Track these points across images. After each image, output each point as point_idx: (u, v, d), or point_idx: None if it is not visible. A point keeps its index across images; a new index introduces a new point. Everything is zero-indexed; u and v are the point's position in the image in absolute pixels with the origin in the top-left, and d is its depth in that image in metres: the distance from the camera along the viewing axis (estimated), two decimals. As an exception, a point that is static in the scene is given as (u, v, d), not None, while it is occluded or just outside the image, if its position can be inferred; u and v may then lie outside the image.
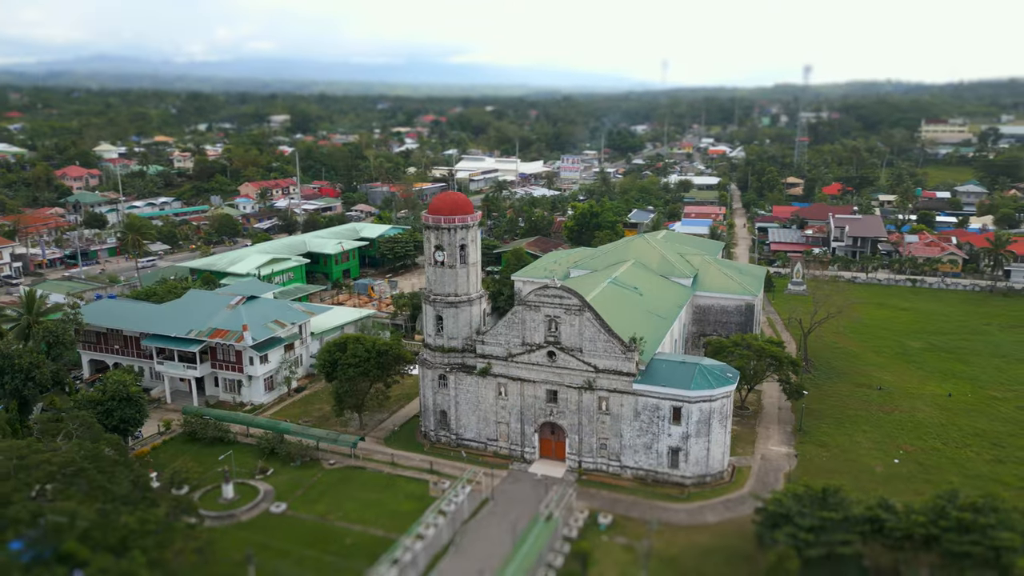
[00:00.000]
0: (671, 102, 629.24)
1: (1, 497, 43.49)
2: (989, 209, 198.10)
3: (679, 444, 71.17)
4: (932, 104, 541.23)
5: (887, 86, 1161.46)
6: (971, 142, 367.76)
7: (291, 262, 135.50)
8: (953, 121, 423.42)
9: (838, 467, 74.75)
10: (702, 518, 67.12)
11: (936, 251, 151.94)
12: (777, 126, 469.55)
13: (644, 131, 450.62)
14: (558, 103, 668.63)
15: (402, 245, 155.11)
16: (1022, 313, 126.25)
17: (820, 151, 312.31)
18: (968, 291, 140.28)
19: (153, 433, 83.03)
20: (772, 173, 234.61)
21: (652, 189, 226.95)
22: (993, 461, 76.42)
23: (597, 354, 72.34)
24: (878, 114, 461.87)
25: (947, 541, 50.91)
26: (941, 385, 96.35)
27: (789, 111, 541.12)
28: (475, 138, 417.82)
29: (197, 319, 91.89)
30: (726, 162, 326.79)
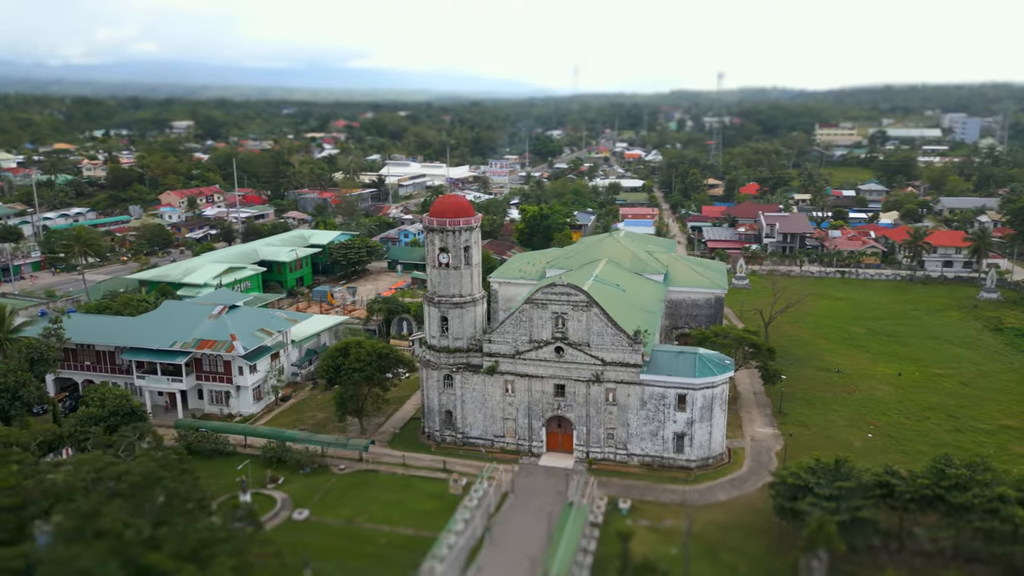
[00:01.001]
0: (581, 108, 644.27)
1: (89, 510, 42.14)
2: (893, 205, 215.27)
3: (684, 430, 75.45)
4: (820, 109, 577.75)
5: (774, 92, 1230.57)
6: (862, 144, 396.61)
7: (247, 271, 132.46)
8: (844, 125, 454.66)
9: (821, 444, 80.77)
10: (713, 497, 71.56)
11: (858, 245, 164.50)
12: (684, 130, 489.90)
13: (560, 136, 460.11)
14: (469, 108, 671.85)
15: (355, 251, 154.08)
16: (941, 299, 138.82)
17: (731, 153, 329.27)
18: (891, 280, 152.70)
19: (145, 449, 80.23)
20: (695, 175, 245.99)
21: (584, 192, 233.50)
22: (952, 431, 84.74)
23: (605, 348, 75.71)
24: (775, 119, 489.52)
25: (951, 498, 56.99)
26: (889, 366, 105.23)
27: (692, 116, 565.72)
28: (395, 143, 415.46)
29: (179, 331, 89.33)
30: (644, 165, 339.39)
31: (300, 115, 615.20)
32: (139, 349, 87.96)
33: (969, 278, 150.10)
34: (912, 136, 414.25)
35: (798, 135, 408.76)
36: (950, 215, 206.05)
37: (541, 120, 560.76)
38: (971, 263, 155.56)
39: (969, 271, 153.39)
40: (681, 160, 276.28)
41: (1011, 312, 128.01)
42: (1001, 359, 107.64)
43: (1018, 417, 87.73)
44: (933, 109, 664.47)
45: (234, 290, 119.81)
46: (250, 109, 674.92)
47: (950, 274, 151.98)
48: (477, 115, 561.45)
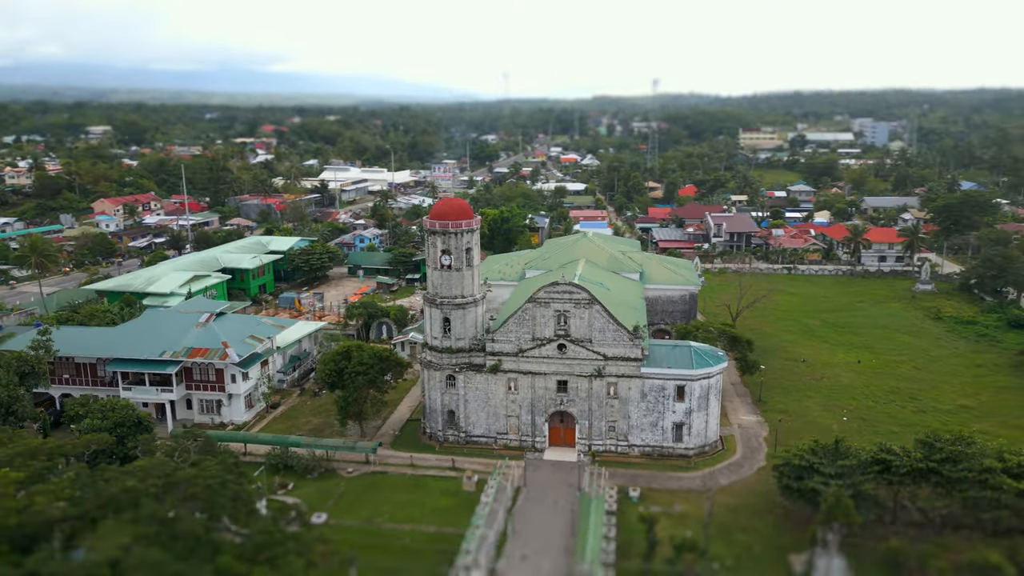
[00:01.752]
0: (512, 113, 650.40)
1: (165, 515, 41.74)
2: (824, 205, 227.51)
3: (683, 419, 79.12)
4: (739, 114, 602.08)
5: (692, 98, 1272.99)
6: (783, 148, 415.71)
7: (212, 279, 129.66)
8: (765, 129, 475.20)
9: (803, 428, 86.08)
10: (715, 482, 75.33)
11: (801, 242, 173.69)
12: (615, 135, 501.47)
13: (496, 140, 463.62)
14: (398, 113, 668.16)
15: (317, 256, 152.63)
16: (882, 291, 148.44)
17: (665, 157, 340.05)
18: (833, 275, 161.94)
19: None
20: (637, 178, 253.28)
21: (532, 196, 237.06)
22: (917, 412, 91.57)
23: (606, 343, 78.66)
24: (700, 123, 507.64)
25: (944, 471, 62.32)
26: (848, 354, 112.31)
27: (620, 121, 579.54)
28: (329, 148, 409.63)
29: (166, 340, 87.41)
30: (581, 170, 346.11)
31: (224, 120, 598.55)
32: (125, 360, 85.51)
33: (903, 271, 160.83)
34: (828, 140, 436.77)
35: (724, 139, 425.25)
36: (874, 213, 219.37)
37: (474, 125, 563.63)
38: (902, 257, 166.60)
39: (902, 265, 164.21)
40: (620, 164, 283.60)
41: (946, 302, 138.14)
42: (946, 345, 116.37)
43: (972, 397, 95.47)
44: (842, 114, 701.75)
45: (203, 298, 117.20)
46: (168, 114, 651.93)
47: (886, 268, 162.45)
48: (408, 120, 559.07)
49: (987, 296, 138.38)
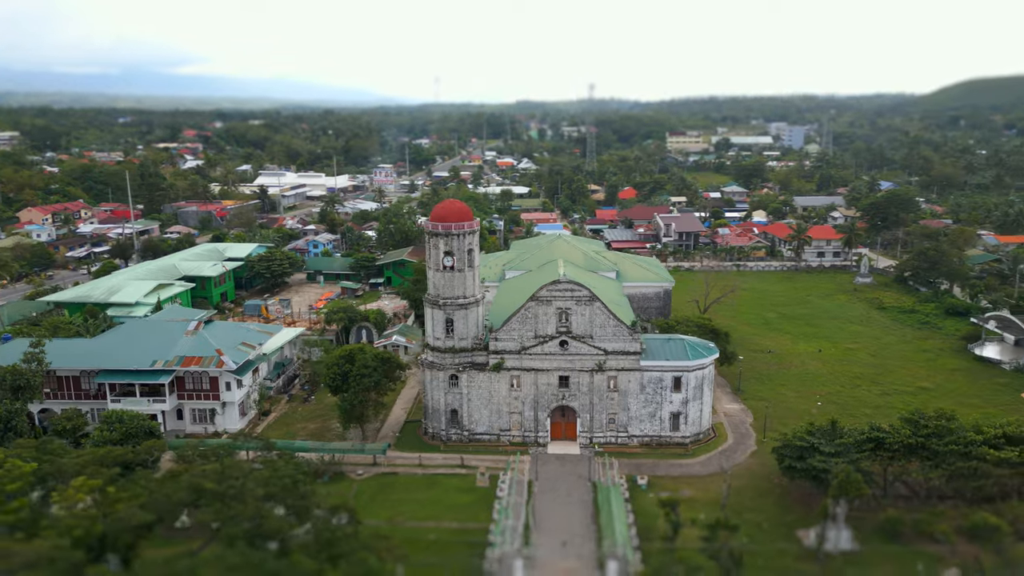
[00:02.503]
0: (442, 117, 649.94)
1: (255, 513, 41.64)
2: (758, 205, 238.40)
3: (679, 409, 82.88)
4: (662, 119, 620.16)
5: (613, 103, 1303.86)
6: (709, 151, 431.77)
7: (176, 287, 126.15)
8: (690, 133, 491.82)
9: (784, 414, 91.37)
10: (714, 467, 79.28)
11: (746, 240, 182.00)
12: (546, 139, 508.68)
13: (430, 144, 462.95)
14: (324, 117, 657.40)
15: (278, 263, 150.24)
16: (826, 285, 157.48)
17: (601, 161, 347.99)
18: (778, 271, 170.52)
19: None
20: (580, 182, 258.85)
21: (480, 199, 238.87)
22: (882, 395, 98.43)
23: (607, 338, 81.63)
24: (628, 128, 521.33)
25: (932, 445, 67.93)
26: (808, 344, 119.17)
27: (551, 125, 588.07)
28: (258, 153, 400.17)
29: (154, 349, 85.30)
30: (518, 173, 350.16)
31: (140, 124, 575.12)
32: (114, 371, 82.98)
33: (842, 266, 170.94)
34: (749, 143, 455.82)
35: (653, 143, 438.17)
36: (804, 212, 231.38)
37: (404, 129, 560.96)
38: (839, 253, 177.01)
39: (840, 260, 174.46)
40: (562, 167, 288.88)
41: (886, 293, 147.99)
42: (894, 333, 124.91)
43: (928, 380, 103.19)
44: (757, 118, 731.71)
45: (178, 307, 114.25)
46: (77, 118, 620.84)
47: (826, 263, 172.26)
48: (336, 124, 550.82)
49: (921, 287, 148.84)
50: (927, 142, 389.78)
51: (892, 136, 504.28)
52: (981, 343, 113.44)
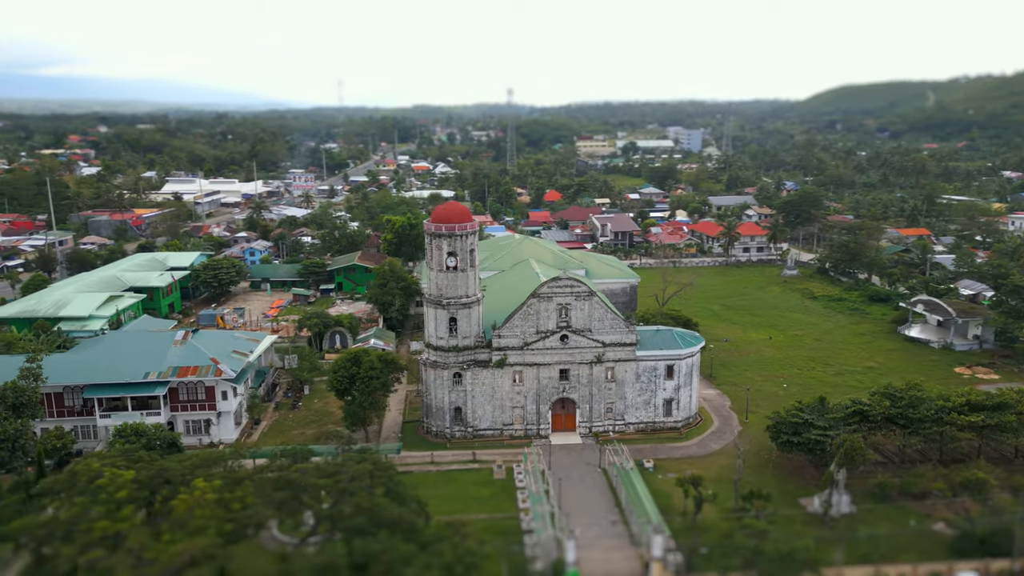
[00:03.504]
0: (347, 121, 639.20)
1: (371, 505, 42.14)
2: (679, 205, 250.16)
3: (672, 395, 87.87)
4: (565, 123, 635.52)
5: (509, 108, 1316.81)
6: (617, 154, 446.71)
7: (128, 299, 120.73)
8: (597, 137, 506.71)
9: (755, 396, 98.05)
10: (709, 448, 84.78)
11: (678, 239, 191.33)
12: (455, 143, 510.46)
13: (339, 149, 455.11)
14: (219, 121, 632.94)
15: (225, 271, 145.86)
16: (758, 278, 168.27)
17: (517, 164, 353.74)
18: (711, 266, 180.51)
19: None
20: (508, 184, 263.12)
21: (411, 203, 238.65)
22: (836, 375, 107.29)
23: (605, 331, 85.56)
24: (536, 132, 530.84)
25: (909, 414, 75.64)
26: (758, 332, 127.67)
27: (460, 129, 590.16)
28: (163, 159, 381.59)
29: (143, 361, 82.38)
30: (435, 177, 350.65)
31: (17, 130, 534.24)
32: (104, 385, 79.55)
33: (768, 260, 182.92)
34: (653, 147, 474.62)
35: (563, 147, 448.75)
36: (719, 211, 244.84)
37: (308, 134, 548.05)
38: (763, 248, 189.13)
39: (765, 255, 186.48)
40: (487, 171, 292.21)
41: (812, 284, 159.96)
42: (830, 319, 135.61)
43: (872, 360, 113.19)
44: (652, 123, 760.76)
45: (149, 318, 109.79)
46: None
47: (754, 258, 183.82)
48: (237, 128, 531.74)
49: (842, 277, 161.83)
50: (821, 146, 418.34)
51: (780, 139, 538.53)
52: (908, 325, 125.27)
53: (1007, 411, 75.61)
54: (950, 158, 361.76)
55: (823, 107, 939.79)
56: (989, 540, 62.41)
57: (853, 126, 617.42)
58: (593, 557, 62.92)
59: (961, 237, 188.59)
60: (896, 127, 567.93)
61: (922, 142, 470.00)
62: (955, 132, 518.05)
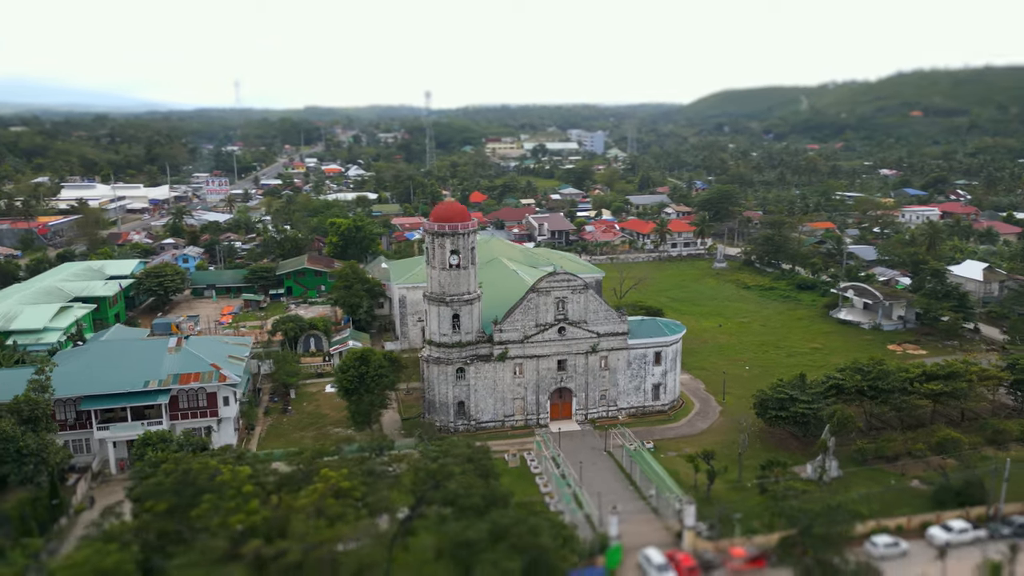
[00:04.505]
0: (244, 123, 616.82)
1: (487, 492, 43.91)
2: (601, 204, 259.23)
3: (660, 380, 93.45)
4: (468, 125, 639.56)
5: (403, 110, 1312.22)
6: (527, 156, 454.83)
7: (78, 310, 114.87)
8: (505, 140, 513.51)
9: (730, 378, 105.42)
10: (698, 427, 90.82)
11: (612, 236, 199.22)
12: (362, 145, 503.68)
13: (241, 152, 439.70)
14: (100, 123, 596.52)
15: (169, 279, 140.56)
16: (692, 271, 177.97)
17: (434, 165, 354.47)
18: (645, 261, 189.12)
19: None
20: (434, 186, 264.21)
21: (338, 206, 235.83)
22: (788, 356, 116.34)
23: (599, 322, 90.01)
24: (444, 134, 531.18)
25: (879, 385, 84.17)
26: (708, 321, 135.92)
27: (365, 131, 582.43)
28: (46, 162, 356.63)
29: (139, 369, 79.81)
30: (349, 180, 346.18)
31: None
32: (101, 396, 76.54)
33: (697, 255, 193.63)
34: (560, 149, 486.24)
35: (474, 149, 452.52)
36: (640, 210, 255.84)
37: (204, 136, 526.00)
38: (689, 243, 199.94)
39: (693, 249, 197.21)
40: (411, 173, 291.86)
41: (742, 275, 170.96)
42: (767, 306, 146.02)
43: (815, 341, 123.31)
44: (551, 126, 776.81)
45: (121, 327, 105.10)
46: None
47: (684, 253, 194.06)
48: (127, 130, 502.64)
49: (767, 268, 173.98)
50: (717, 147, 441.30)
51: (677, 141, 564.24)
52: (839, 309, 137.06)
53: (959, 379, 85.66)
54: (833, 158, 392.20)
55: (708, 110, 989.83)
56: (964, 491, 71.04)
57: (740, 128, 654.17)
58: (626, 531, 66.90)
59: (863, 230, 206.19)
60: (779, 129, 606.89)
61: (804, 143, 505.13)
62: (831, 134, 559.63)
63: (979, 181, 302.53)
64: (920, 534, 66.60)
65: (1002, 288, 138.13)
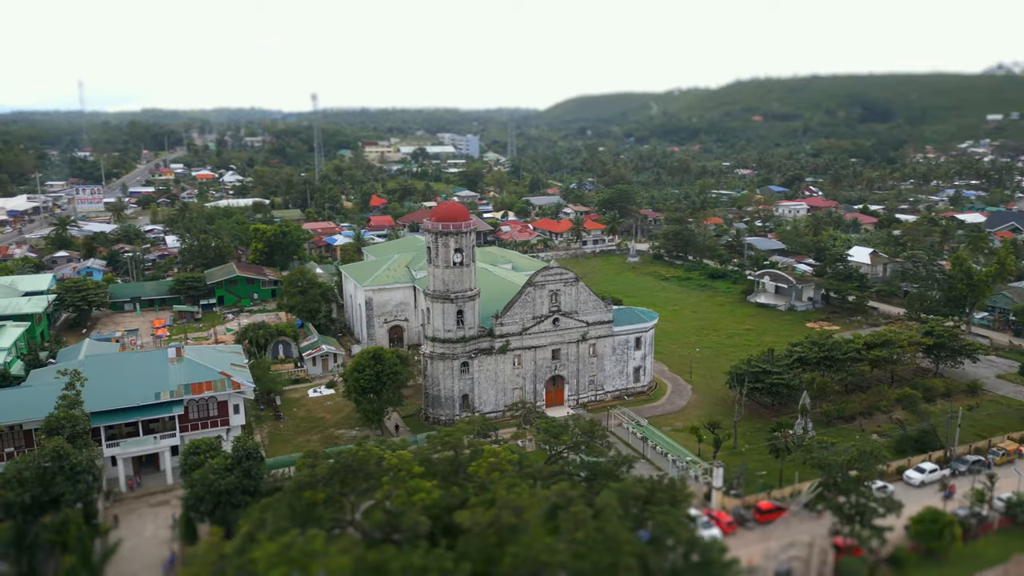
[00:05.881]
0: (90, 127, 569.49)
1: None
2: (506, 206, 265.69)
3: (640, 363, 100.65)
4: (336, 129, 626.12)
5: (253, 112, 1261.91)
6: (408, 160, 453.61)
7: (13, 328, 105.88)
8: (381, 143, 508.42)
9: (680, 361, 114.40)
10: (678, 404, 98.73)
11: (527, 235, 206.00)
12: (229, 149, 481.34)
13: (93, 157, 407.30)
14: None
15: (93, 292, 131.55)
16: (610, 266, 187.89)
17: (323, 170, 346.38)
18: (564, 257, 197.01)
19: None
20: (333, 190, 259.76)
21: (235, 211, 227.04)
22: (727, 338, 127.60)
23: (588, 312, 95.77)
24: (312, 138, 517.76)
25: (835, 355, 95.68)
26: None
27: (230, 134, 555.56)
28: None
29: (144, 382, 76.49)
30: (228, 185, 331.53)
31: None
32: (110, 412, 72.74)
33: (608, 251, 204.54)
34: (439, 152, 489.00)
35: (353, 153, 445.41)
36: (540, 210, 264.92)
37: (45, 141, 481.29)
38: (598, 240, 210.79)
39: (604, 246, 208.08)
40: (307, 178, 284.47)
41: (656, 268, 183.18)
42: (690, 295, 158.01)
43: (745, 324, 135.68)
44: (419, 130, 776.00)
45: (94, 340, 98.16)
46: None
47: (598, 249, 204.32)
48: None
49: (676, 261, 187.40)
50: (585, 150, 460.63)
51: (547, 144, 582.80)
52: (756, 294, 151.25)
53: (893, 346, 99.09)
54: (696, 159, 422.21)
55: (565, 115, 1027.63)
56: (920, 439, 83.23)
57: (602, 132, 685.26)
58: (657, 498, 73.16)
59: (747, 223, 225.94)
60: (639, 133, 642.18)
61: (665, 146, 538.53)
62: (687, 137, 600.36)
63: (826, 178, 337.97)
64: (898, 477, 77.53)
65: (885, 269, 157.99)
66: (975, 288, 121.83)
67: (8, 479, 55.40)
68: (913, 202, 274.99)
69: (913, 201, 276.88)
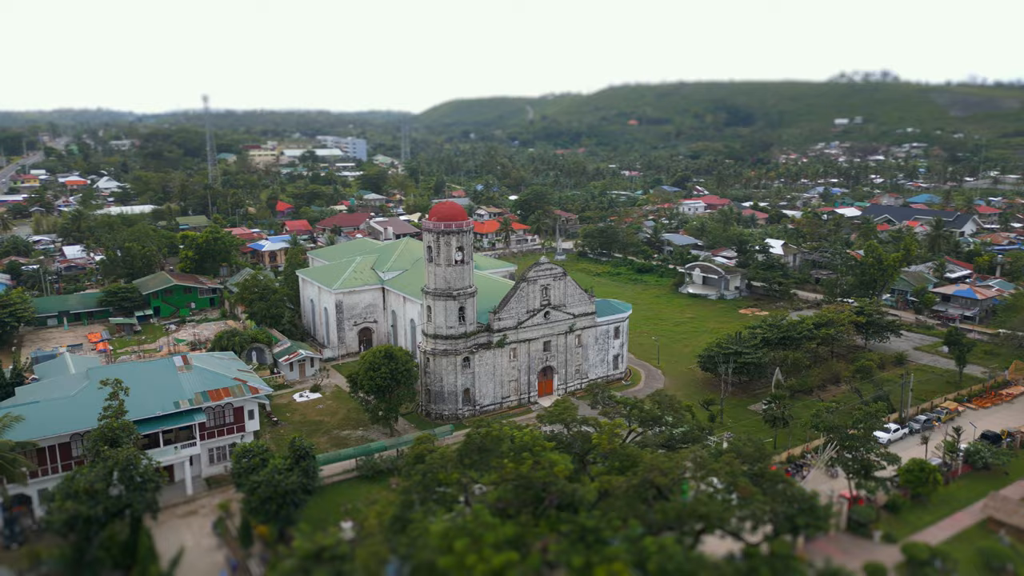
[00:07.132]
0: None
1: None
2: (419, 208, 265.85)
3: (619, 351, 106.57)
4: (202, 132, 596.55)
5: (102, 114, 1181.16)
6: (296, 163, 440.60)
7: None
8: (264, 146, 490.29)
9: (644, 348, 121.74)
10: (655, 387, 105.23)
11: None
12: (96, 154, 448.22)
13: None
14: None
15: (21, 307, 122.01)
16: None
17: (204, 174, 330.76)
18: (498, 257, 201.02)
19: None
20: (238, 196, 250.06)
21: (134, 219, 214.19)
22: (675, 325, 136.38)
23: (575, 305, 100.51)
24: (192, 140, 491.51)
25: (792, 334, 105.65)
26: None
27: (92, 138, 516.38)
28: None
29: (158, 391, 73.70)
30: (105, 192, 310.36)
31: None
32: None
33: (534, 249, 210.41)
34: (327, 156, 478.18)
35: (236, 156, 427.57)
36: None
37: None
38: (523, 240, 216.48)
39: (529, 245, 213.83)
40: (208, 183, 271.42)
41: (585, 265, 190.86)
42: (625, 288, 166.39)
43: (684, 313, 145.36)
44: (295, 132, 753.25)
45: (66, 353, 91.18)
46: None
47: (525, 249, 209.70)
48: None
49: (601, 258, 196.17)
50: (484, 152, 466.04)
51: (434, 147, 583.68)
52: (686, 286, 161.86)
53: (836, 325, 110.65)
54: (584, 162, 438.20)
55: (442, 118, 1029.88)
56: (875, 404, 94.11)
57: (486, 136, 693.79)
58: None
59: (656, 221, 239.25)
60: (522, 136, 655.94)
61: (550, 149, 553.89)
62: (570, 140, 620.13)
63: (710, 178, 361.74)
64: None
65: (796, 258, 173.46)
66: (884, 272, 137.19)
67: (75, 492, 52.84)
68: (791, 199, 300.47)
69: (791, 198, 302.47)
